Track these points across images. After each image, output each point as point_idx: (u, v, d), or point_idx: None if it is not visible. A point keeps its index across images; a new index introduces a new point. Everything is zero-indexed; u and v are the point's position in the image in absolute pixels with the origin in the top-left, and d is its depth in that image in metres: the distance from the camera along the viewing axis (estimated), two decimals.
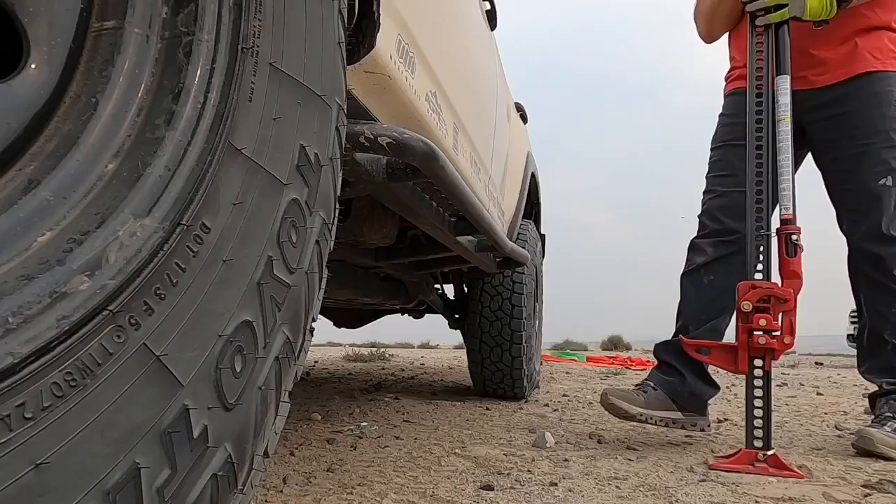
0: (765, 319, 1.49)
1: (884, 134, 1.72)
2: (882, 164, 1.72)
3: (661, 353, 1.88)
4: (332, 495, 1.14)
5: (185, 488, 0.43)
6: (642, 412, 1.69)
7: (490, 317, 2.66)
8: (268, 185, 0.52)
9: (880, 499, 1.19)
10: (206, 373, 0.45)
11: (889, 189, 1.71)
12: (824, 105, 1.79)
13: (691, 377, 1.78)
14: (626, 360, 6.97)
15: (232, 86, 0.50)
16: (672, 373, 1.81)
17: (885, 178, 1.71)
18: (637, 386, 1.82)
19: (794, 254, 1.55)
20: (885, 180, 1.71)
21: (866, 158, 1.73)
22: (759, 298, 1.52)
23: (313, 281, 0.58)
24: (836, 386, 4.04)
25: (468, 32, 1.66)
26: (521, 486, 1.23)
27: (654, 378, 1.82)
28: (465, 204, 1.42)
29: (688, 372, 1.79)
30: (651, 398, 1.74)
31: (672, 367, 1.82)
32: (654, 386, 1.78)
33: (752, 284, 1.54)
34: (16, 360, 0.36)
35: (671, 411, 1.75)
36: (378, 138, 0.97)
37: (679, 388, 1.77)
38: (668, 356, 1.85)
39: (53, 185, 0.42)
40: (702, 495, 1.19)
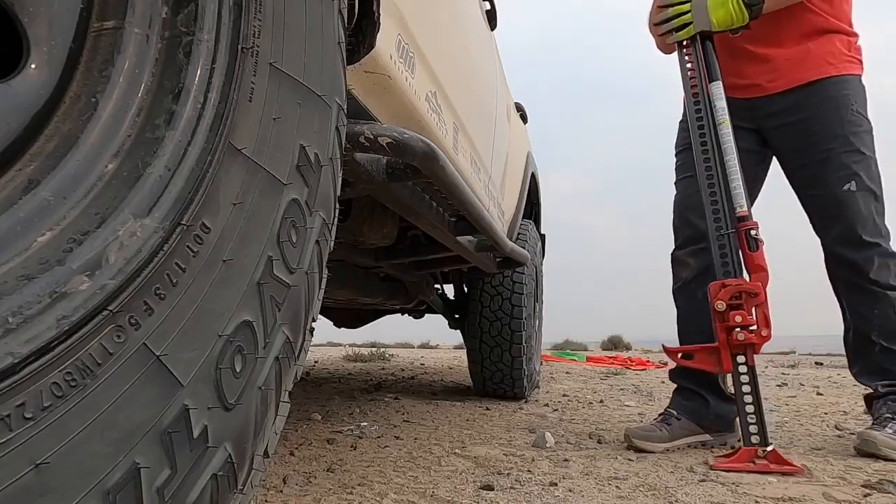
0: (740, 316, 1.53)
1: (843, 138, 1.71)
2: (844, 168, 1.71)
3: (678, 378, 1.87)
4: (332, 495, 1.14)
5: (185, 488, 0.43)
6: (667, 446, 1.68)
7: (490, 317, 2.66)
8: (268, 185, 0.52)
9: (880, 499, 1.19)
10: (206, 373, 0.45)
11: (853, 194, 1.70)
12: (781, 112, 1.78)
13: (713, 399, 1.77)
14: (626, 360, 6.96)
15: (232, 86, 0.50)
16: (693, 397, 1.80)
17: (849, 183, 1.70)
18: (660, 416, 1.80)
19: (755, 248, 1.59)
20: (848, 185, 1.70)
21: (828, 164, 1.73)
22: (731, 296, 1.56)
23: (313, 281, 0.58)
24: (836, 386, 4.04)
25: (468, 32, 1.66)
26: (521, 486, 1.23)
27: (677, 405, 1.80)
28: (465, 204, 1.42)
29: (709, 394, 1.78)
30: (676, 429, 1.72)
31: (692, 392, 1.80)
32: (678, 415, 1.76)
33: (721, 283, 1.58)
34: (16, 360, 0.36)
35: (699, 435, 1.75)
36: (378, 138, 0.97)
37: (704, 412, 1.76)
38: (685, 381, 1.84)
39: (53, 185, 0.42)
40: (702, 495, 1.19)
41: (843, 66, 1.75)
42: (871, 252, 1.70)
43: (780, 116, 1.79)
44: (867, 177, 1.71)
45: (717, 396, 1.79)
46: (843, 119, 1.72)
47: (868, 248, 1.70)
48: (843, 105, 1.72)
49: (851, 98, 1.73)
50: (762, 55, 1.79)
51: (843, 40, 1.77)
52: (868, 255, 1.70)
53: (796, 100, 1.76)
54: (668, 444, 1.69)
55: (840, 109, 1.72)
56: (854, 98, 1.73)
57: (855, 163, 1.71)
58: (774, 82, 1.78)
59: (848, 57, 1.76)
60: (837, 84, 1.74)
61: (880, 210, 1.73)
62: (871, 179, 1.71)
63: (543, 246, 3.45)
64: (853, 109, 1.72)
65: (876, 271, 1.69)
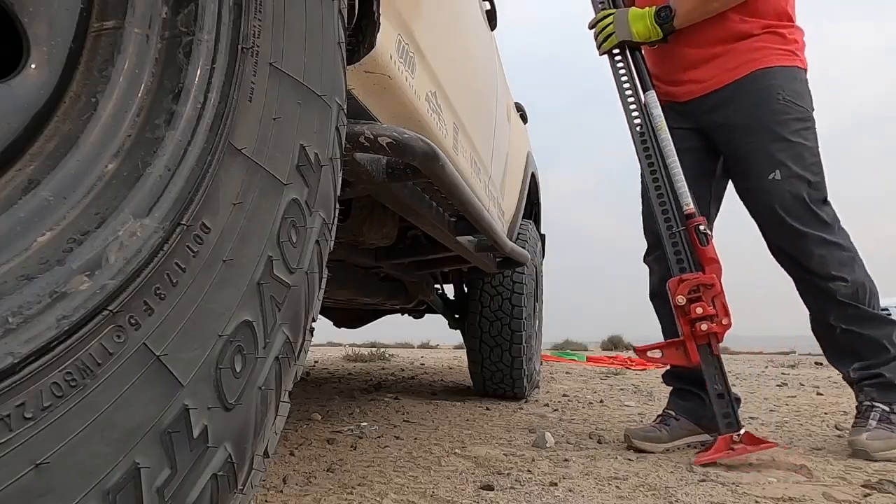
0: (700, 307, 1.60)
1: (766, 129, 1.69)
2: (768, 159, 1.68)
3: (673, 381, 1.88)
4: (332, 495, 1.14)
5: (185, 488, 0.43)
6: (666, 447, 1.68)
7: (490, 317, 2.66)
8: (268, 185, 0.52)
9: (880, 499, 1.19)
10: (206, 373, 0.45)
11: (778, 183, 1.67)
12: (713, 109, 1.78)
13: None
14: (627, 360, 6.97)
15: (232, 86, 0.50)
16: (690, 397, 1.80)
17: (774, 172, 1.67)
18: (658, 417, 1.80)
19: (706, 242, 1.66)
20: (773, 175, 1.67)
21: (754, 155, 1.71)
22: (690, 290, 1.62)
23: (313, 281, 0.58)
24: (836, 386, 4.04)
25: (468, 32, 1.66)
26: (521, 486, 1.23)
27: (675, 406, 1.81)
28: (465, 204, 1.42)
29: (705, 393, 1.76)
30: (675, 429, 1.73)
31: (688, 392, 1.81)
32: (676, 415, 1.77)
33: (679, 279, 1.64)
34: (16, 360, 0.36)
35: (698, 435, 1.75)
36: (378, 138, 0.97)
37: (701, 412, 1.76)
38: (680, 382, 1.85)
39: (53, 185, 0.42)
40: (702, 495, 1.19)
41: (771, 58, 1.72)
42: (805, 241, 1.66)
43: (713, 114, 1.79)
44: (795, 164, 1.66)
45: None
46: (768, 109, 1.70)
47: (801, 237, 1.66)
48: (768, 96, 1.70)
49: (778, 87, 1.70)
50: (693, 59, 1.81)
51: (773, 35, 1.74)
52: (802, 246, 1.66)
53: (724, 98, 1.76)
54: (667, 445, 1.69)
55: (765, 101, 1.70)
56: (781, 87, 1.70)
57: (780, 151, 1.67)
58: (704, 83, 1.79)
59: (777, 50, 1.73)
60: (762, 77, 1.72)
61: (816, 197, 1.67)
62: (801, 166, 1.67)
63: (543, 246, 3.45)
64: (779, 98, 1.69)
65: (816, 262, 1.65)
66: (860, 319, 1.66)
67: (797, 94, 1.71)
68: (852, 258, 1.67)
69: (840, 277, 1.64)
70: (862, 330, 1.65)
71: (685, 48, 1.81)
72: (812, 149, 1.69)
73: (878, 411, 1.59)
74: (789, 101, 1.69)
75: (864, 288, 1.66)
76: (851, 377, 1.70)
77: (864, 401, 1.65)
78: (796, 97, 1.70)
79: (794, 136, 1.68)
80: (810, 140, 1.70)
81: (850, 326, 1.66)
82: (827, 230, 1.66)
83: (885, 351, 1.65)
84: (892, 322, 1.68)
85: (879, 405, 1.60)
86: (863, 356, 1.67)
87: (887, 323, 1.68)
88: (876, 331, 1.65)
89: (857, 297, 1.65)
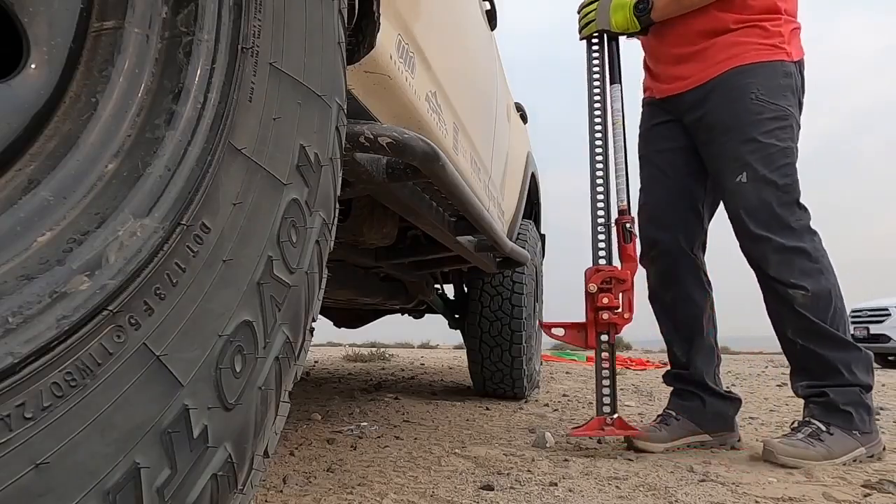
0: (607, 298, 1.67)
1: (737, 129, 1.66)
2: (737, 160, 1.65)
3: (674, 381, 1.87)
4: (332, 495, 1.14)
5: (185, 488, 0.43)
6: (667, 447, 1.68)
7: (490, 317, 2.66)
8: (268, 185, 0.52)
9: (880, 499, 1.19)
10: (206, 373, 0.45)
11: (745, 185, 1.63)
12: (693, 107, 1.76)
13: (710, 398, 1.77)
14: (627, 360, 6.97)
15: (232, 86, 0.50)
16: (690, 397, 1.80)
17: (741, 174, 1.64)
18: (659, 417, 1.80)
19: (629, 240, 1.74)
20: (740, 177, 1.64)
21: (724, 156, 1.69)
22: (603, 280, 1.70)
23: (313, 281, 0.58)
24: None
25: (468, 32, 1.66)
26: (521, 486, 1.23)
27: (675, 406, 1.81)
28: (465, 204, 1.42)
29: (705, 393, 1.78)
30: (675, 429, 1.72)
31: (689, 392, 1.81)
32: (676, 415, 1.76)
33: (595, 269, 1.72)
34: (16, 360, 0.36)
35: (698, 435, 1.74)
36: (378, 138, 0.97)
37: (701, 412, 1.76)
38: (680, 383, 1.84)
39: (53, 185, 0.42)
40: (702, 495, 1.19)
41: (749, 55, 1.68)
42: (765, 246, 1.61)
43: (692, 112, 1.77)
44: (763, 165, 1.62)
45: (712, 395, 1.79)
46: (740, 109, 1.66)
47: (761, 242, 1.62)
48: (742, 95, 1.66)
49: (753, 86, 1.65)
50: (676, 55, 1.79)
51: (754, 29, 1.69)
52: (762, 251, 1.62)
53: (701, 96, 1.73)
54: (667, 445, 1.69)
55: (738, 100, 1.66)
56: (757, 85, 1.65)
57: (749, 152, 1.63)
58: (685, 80, 1.77)
59: (756, 45, 1.69)
60: (739, 74, 1.68)
61: (785, 200, 1.61)
62: (769, 168, 1.62)
63: (543, 246, 3.45)
64: (753, 97, 1.65)
65: (774, 268, 1.61)
66: (819, 337, 1.60)
67: (774, 92, 1.65)
68: (818, 269, 1.60)
69: (800, 286, 1.59)
70: (819, 349, 1.60)
71: (671, 44, 1.80)
72: (785, 150, 1.64)
73: (813, 427, 1.55)
74: (763, 99, 1.65)
75: (826, 301, 1.59)
76: (799, 393, 1.68)
77: (806, 416, 1.62)
78: (772, 95, 1.65)
79: (766, 137, 1.63)
80: (784, 140, 1.64)
81: (809, 344, 1.61)
82: (791, 236, 1.60)
83: (838, 375, 1.59)
84: (855, 347, 1.62)
85: (816, 422, 1.56)
86: (815, 376, 1.63)
87: (849, 347, 1.61)
88: (834, 353, 1.59)
89: (815, 309, 1.59)
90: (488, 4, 2.05)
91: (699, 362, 1.80)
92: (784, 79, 1.67)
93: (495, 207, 2.12)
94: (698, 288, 1.83)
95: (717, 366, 1.84)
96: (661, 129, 1.87)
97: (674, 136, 1.84)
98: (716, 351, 1.84)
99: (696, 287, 1.83)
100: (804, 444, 1.50)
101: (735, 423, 1.80)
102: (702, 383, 1.79)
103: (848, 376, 1.59)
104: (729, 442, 1.76)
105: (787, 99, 1.67)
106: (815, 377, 1.63)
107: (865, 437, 1.56)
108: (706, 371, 1.80)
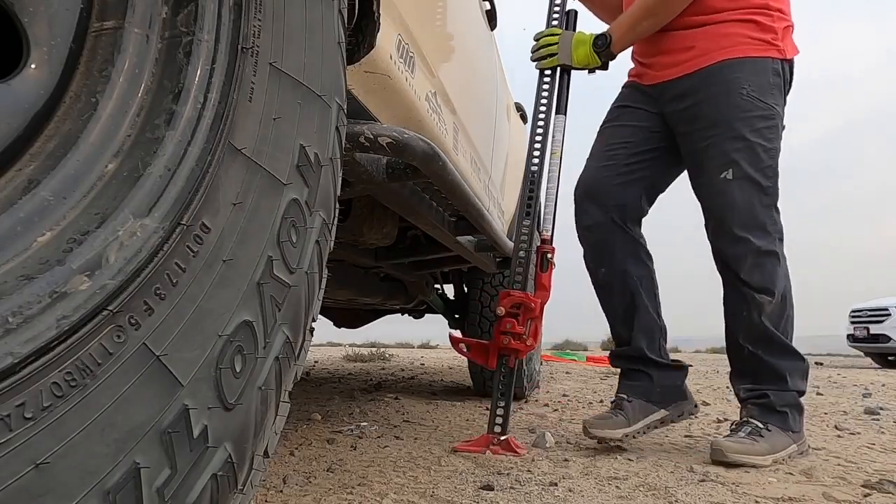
0: (511, 323, 1.69)
1: (726, 124, 1.61)
2: (723, 156, 1.61)
3: (619, 361, 1.83)
4: (332, 495, 1.14)
5: (185, 488, 0.43)
6: (626, 431, 1.64)
7: (490, 317, 2.66)
8: (268, 185, 0.52)
9: (880, 499, 1.19)
10: (206, 373, 0.45)
11: (730, 183, 1.60)
12: (677, 97, 1.72)
13: (656, 372, 1.74)
14: None
15: (232, 86, 0.50)
16: (638, 376, 1.76)
17: (726, 171, 1.60)
18: (612, 404, 1.76)
19: (546, 269, 1.77)
20: (725, 174, 1.60)
21: (710, 151, 1.64)
22: (512, 305, 1.70)
23: (313, 281, 0.58)
24: (836, 386, 4.04)
25: (468, 32, 1.66)
26: (521, 486, 1.23)
27: (625, 388, 1.77)
28: (465, 204, 1.42)
29: (651, 369, 1.74)
30: (629, 412, 1.68)
31: (636, 371, 1.77)
32: (629, 398, 1.72)
33: (508, 293, 1.73)
34: (16, 360, 0.36)
35: (655, 413, 1.71)
36: (378, 138, 0.97)
37: (650, 388, 1.73)
38: (626, 363, 1.80)
39: (53, 185, 0.42)
40: (702, 495, 1.19)
41: (741, 48, 1.64)
42: (743, 248, 1.59)
43: (676, 102, 1.73)
44: (750, 164, 1.59)
45: (658, 368, 1.75)
46: (730, 104, 1.61)
47: (739, 243, 1.60)
48: (732, 89, 1.62)
49: (744, 81, 1.61)
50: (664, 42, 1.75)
51: (749, 24, 1.65)
52: (739, 252, 1.60)
53: (689, 86, 1.69)
54: (627, 430, 1.64)
55: (727, 94, 1.62)
56: (747, 81, 1.62)
57: (736, 150, 1.60)
58: (671, 69, 1.74)
59: (751, 39, 1.65)
60: (728, 68, 1.63)
61: (766, 202, 1.61)
62: (755, 168, 1.59)
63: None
64: (743, 93, 1.61)
65: (747, 270, 1.59)
66: (768, 343, 1.61)
67: (763, 90, 1.62)
68: (784, 275, 1.62)
69: (768, 291, 1.59)
70: (766, 356, 1.61)
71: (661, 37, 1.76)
72: (770, 150, 1.62)
73: (752, 426, 1.56)
74: (754, 96, 1.61)
75: (782, 308, 1.62)
76: (740, 395, 1.68)
77: (744, 416, 1.62)
78: (762, 93, 1.62)
79: (754, 136, 1.61)
80: (771, 140, 1.62)
81: (757, 350, 1.61)
82: (767, 239, 1.60)
83: (781, 382, 1.61)
84: (798, 357, 1.64)
85: (755, 421, 1.57)
86: (757, 380, 1.63)
87: (794, 356, 1.63)
88: (779, 360, 1.61)
89: (772, 316, 1.60)
90: (488, 4, 2.05)
91: (640, 338, 1.75)
92: (774, 77, 1.65)
93: (495, 207, 2.12)
94: (634, 262, 1.78)
95: (662, 337, 1.79)
96: (630, 110, 1.83)
97: (641, 118, 1.80)
98: (658, 323, 1.79)
99: (632, 261, 1.78)
100: (749, 441, 1.52)
101: (687, 390, 1.78)
102: (645, 358, 1.74)
103: (789, 382, 1.61)
104: (686, 410, 1.74)
105: (776, 97, 1.65)
106: (757, 381, 1.64)
107: (797, 435, 1.60)
108: (648, 345, 1.75)
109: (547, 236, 1.80)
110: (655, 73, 1.79)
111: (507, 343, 1.69)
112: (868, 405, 2.78)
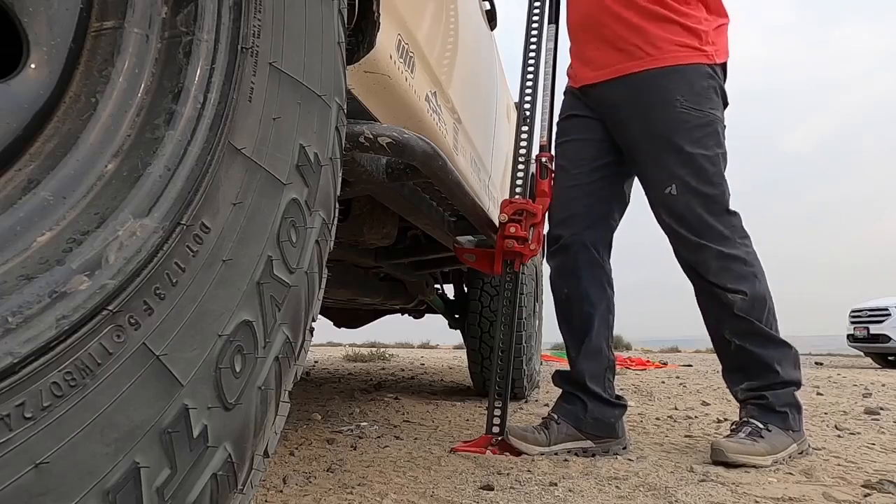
0: (515, 227, 1.73)
1: (664, 139, 1.60)
2: (665, 171, 1.61)
3: (560, 382, 1.79)
4: (332, 495, 1.14)
5: (184, 488, 0.43)
6: (542, 451, 1.60)
7: (490, 317, 2.66)
8: (267, 185, 0.52)
9: (880, 499, 1.19)
10: (205, 373, 0.45)
11: (675, 198, 1.61)
12: (612, 106, 1.70)
13: (592, 402, 1.69)
14: (626, 360, 6.96)
15: (232, 86, 0.50)
16: (573, 401, 1.72)
17: (669, 186, 1.61)
18: (542, 420, 1.73)
19: (545, 175, 1.80)
20: (669, 189, 1.61)
21: (650, 167, 1.65)
22: (514, 211, 1.74)
23: (313, 281, 0.58)
24: (836, 386, 4.04)
25: (468, 32, 1.66)
26: (521, 486, 1.23)
27: (559, 409, 1.73)
28: (465, 204, 1.42)
29: (588, 398, 1.70)
30: (554, 433, 1.65)
31: (572, 395, 1.73)
32: (558, 419, 1.68)
33: (509, 201, 1.78)
34: (15, 360, 0.36)
35: (579, 441, 1.66)
36: (378, 138, 0.97)
37: (582, 416, 1.67)
38: (567, 385, 1.76)
39: (53, 185, 0.42)
40: (702, 495, 1.19)
41: (670, 56, 1.61)
42: (704, 254, 1.60)
43: (610, 112, 1.71)
44: (693, 177, 1.59)
45: (596, 400, 1.70)
46: (666, 119, 1.60)
47: (699, 250, 1.61)
48: (666, 101, 1.59)
49: (677, 92, 1.59)
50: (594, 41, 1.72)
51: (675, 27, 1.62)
52: (702, 258, 1.61)
53: (621, 93, 1.66)
54: (544, 449, 1.61)
55: (662, 107, 1.60)
56: (681, 92, 1.59)
57: (677, 164, 1.59)
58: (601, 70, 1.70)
59: (679, 46, 1.61)
60: (660, 77, 1.61)
61: (716, 210, 1.60)
62: (698, 180, 1.59)
63: (544, 246, 3.45)
64: (678, 105, 1.59)
65: (714, 273, 1.60)
66: (754, 337, 1.61)
67: (698, 97, 1.60)
68: (753, 273, 1.61)
69: (739, 290, 1.59)
70: (754, 348, 1.61)
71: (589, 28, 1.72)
72: (712, 157, 1.61)
73: (752, 427, 1.56)
74: (689, 107, 1.59)
75: (762, 304, 1.61)
76: (739, 397, 1.68)
77: (744, 417, 1.62)
78: (697, 101, 1.60)
79: (694, 147, 1.59)
80: (710, 148, 1.61)
81: (744, 343, 1.62)
82: (726, 243, 1.60)
83: (773, 373, 1.61)
84: (786, 345, 1.64)
85: (755, 422, 1.58)
86: (751, 376, 1.63)
87: (781, 345, 1.63)
88: (768, 351, 1.61)
89: (753, 312, 1.60)
90: (488, 4, 2.05)
91: (584, 364, 1.72)
92: (707, 80, 1.62)
93: (495, 208, 2.12)
94: (596, 286, 1.75)
95: (608, 369, 1.74)
96: (576, 121, 1.80)
97: (589, 128, 1.77)
98: (605, 354, 1.75)
99: (594, 285, 1.75)
100: (749, 441, 1.52)
101: (620, 428, 1.69)
102: (584, 386, 1.70)
103: (781, 373, 1.61)
104: (612, 450, 1.65)
105: (712, 101, 1.63)
106: (751, 377, 1.64)
107: (797, 434, 1.60)
108: (591, 374, 1.71)
109: (544, 142, 1.83)
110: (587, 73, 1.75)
111: (511, 247, 1.72)
112: (868, 405, 2.78)
